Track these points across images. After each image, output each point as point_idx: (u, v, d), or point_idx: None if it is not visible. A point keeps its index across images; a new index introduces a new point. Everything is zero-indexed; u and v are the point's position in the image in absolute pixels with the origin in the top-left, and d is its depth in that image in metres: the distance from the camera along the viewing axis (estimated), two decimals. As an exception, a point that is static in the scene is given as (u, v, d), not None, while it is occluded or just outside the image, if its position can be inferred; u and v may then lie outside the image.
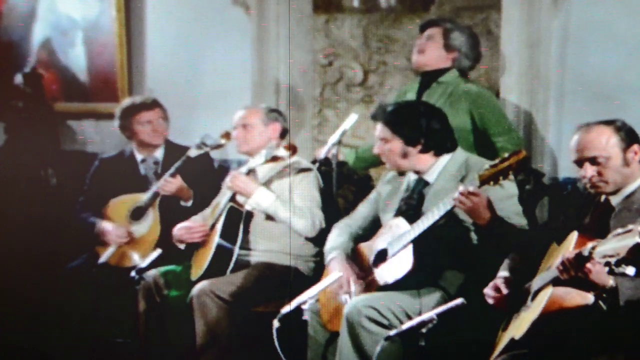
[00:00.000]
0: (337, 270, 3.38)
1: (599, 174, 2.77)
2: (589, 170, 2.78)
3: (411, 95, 3.95)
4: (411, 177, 3.42)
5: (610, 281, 2.51)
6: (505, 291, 2.87)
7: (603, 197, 2.84)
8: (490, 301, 2.91)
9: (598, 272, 2.50)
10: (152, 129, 4.22)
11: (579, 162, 2.81)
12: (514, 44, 4.01)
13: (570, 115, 3.89)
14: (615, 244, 2.37)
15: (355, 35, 4.62)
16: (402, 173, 3.45)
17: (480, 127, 3.77)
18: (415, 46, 3.93)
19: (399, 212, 3.38)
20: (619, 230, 2.38)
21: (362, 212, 3.61)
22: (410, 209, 3.35)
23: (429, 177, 3.35)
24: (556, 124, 3.96)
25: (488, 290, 2.92)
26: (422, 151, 3.33)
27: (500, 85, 4.06)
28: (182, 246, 3.95)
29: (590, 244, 2.47)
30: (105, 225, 4.13)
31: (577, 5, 3.88)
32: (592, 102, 3.80)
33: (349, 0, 4.75)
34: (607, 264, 2.39)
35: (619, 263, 2.36)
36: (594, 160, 2.77)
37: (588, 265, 2.49)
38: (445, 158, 3.35)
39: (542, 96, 3.97)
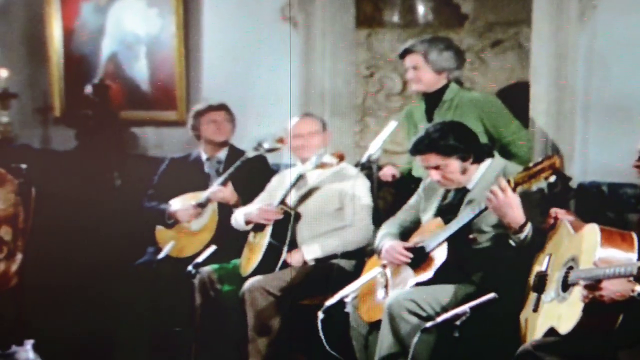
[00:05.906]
0: (384, 261, 3.49)
1: None
2: None
3: (419, 116, 4.00)
4: (450, 184, 3.46)
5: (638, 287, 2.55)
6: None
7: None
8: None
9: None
10: (216, 127, 4.46)
11: None
12: (543, 56, 4.04)
13: (595, 122, 3.96)
14: None
15: (395, 48, 4.53)
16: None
17: (492, 130, 3.81)
18: (409, 79, 3.97)
19: (437, 214, 3.47)
20: None
21: (405, 213, 3.69)
22: (449, 212, 3.42)
23: (469, 184, 3.40)
24: (582, 131, 4.01)
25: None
26: (474, 162, 3.38)
27: (530, 95, 4.08)
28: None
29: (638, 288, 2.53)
30: (174, 207, 4.39)
31: (602, 21, 3.93)
32: (615, 111, 3.85)
33: (390, 16, 4.84)
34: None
35: None
36: None
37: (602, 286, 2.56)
38: (484, 166, 3.39)
39: (569, 104, 4.02)
